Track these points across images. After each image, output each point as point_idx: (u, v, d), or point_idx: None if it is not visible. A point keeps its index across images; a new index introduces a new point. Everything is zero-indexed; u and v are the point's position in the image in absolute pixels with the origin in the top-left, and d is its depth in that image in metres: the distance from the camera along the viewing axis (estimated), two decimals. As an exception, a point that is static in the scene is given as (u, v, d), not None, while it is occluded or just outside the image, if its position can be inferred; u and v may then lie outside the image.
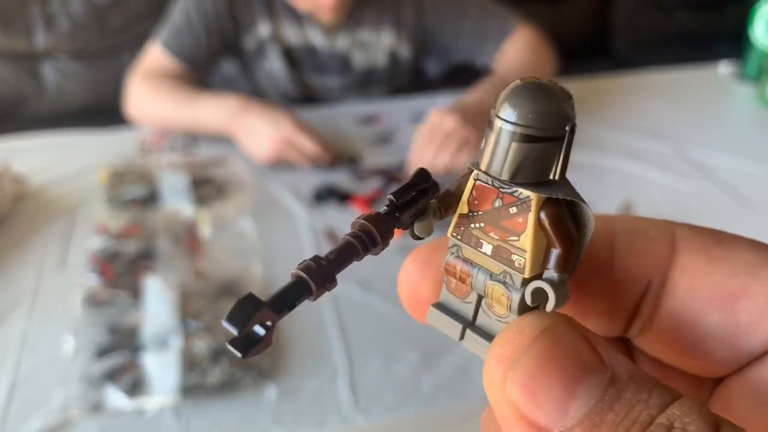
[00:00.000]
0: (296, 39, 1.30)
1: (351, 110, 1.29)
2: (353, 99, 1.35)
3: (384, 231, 0.18)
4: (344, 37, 1.30)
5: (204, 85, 1.33)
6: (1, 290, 0.83)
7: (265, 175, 1.07)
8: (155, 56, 1.24)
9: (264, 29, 1.28)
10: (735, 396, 0.20)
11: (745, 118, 1.32)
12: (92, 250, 0.87)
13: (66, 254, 0.89)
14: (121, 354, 0.71)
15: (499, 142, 0.18)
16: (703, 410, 0.15)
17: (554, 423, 0.16)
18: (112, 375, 0.69)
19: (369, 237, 0.18)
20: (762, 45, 1.39)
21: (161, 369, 0.69)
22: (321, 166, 1.09)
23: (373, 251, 0.18)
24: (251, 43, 1.29)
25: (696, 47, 1.86)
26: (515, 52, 1.27)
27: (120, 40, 1.70)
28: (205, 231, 0.92)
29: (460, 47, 1.32)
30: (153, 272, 0.82)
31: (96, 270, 0.83)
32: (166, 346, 0.72)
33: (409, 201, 0.19)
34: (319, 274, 0.17)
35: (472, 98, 1.14)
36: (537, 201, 0.18)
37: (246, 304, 0.16)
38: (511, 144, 0.18)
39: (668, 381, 0.21)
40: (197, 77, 1.28)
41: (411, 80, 1.40)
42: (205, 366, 0.70)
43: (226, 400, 0.68)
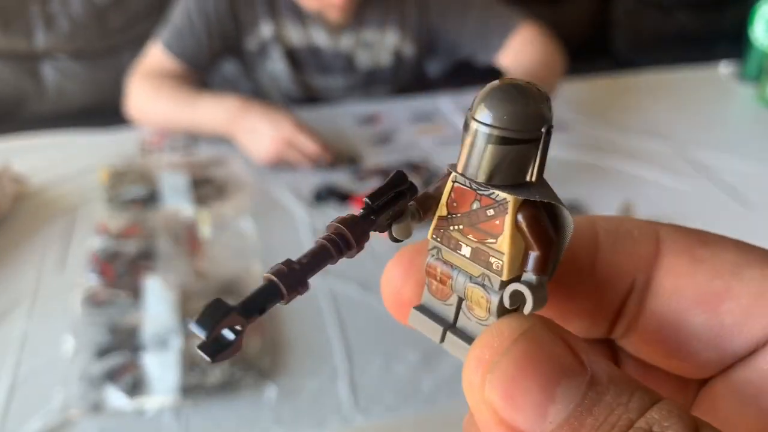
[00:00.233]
0: (299, 39, 1.30)
1: (351, 110, 1.29)
2: (356, 99, 1.34)
3: (358, 234, 0.18)
4: (348, 37, 1.30)
5: (204, 86, 1.33)
6: (1, 290, 0.83)
7: (265, 175, 1.07)
8: (156, 56, 1.24)
9: (266, 30, 1.27)
10: (720, 397, 0.20)
11: (745, 118, 1.32)
12: (92, 250, 0.87)
13: (66, 254, 0.89)
14: (121, 354, 0.71)
15: (475, 144, 0.18)
16: (683, 414, 0.15)
17: (533, 427, 0.16)
18: (112, 375, 0.69)
19: (343, 240, 0.18)
20: (762, 45, 1.39)
21: (161, 369, 0.69)
22: (321, 166, 1.09)
23: (348, 254, 0.18)
24: (253, 44, 1.29)
25: (696, 47, 1.87)
26: (523, 49, 1.25)
27: (120, 40, 1.70)
28: (205, 231, 0.92)
29: (464, 45, 1.32)
30: (153, 272, 0.82)
31: (96, 270, 0.83)
32: (166, 346, 0.72)
33: (386, 203, 0.19)
34: (291, 278, 0.17)
35: None
36: (514, 203, 0.18)
37: (214, 309, 0.16)
38: (487, 146, 0.17)
39: (653, 382, 0.21)
40: (198, 78, 1.28)
41: (414, 80, 1.40)
42: (205, 366, 0.70)
43: (226, 400, 0.68)
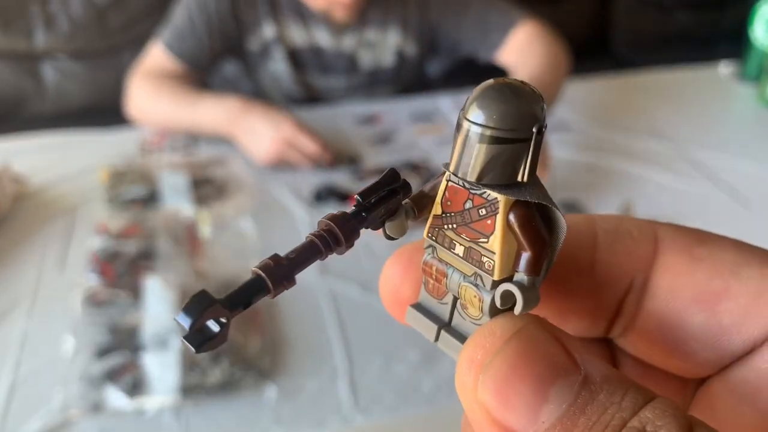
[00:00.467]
0: (302, 40, 1.29)
1: (351, 110, 1.29)
2: (359, 99, 1.34)
3: (348, 231, 0.18)
4: (351, 37, 1.30)
5: (205, 86, 1.33)
6: (1, 290, 0.83)
7: (265, 175, 1.07)
8: (157, 56, 1.24)
9: (268, 30, 1.27)
10: (718, 396, 0.20)
11: (745, 118, 1.32)
12: (92, 250, 0.87)
13: (66, 254, 0.89)
14: (121, 354, 0.71)
15: (467, 144, 0.18)
16: (677, 412, 0.15)
17: (526, 427, 0.16)
18: (112, 375, 0.69)
19: (332, 237, 0.18)
20: (762, 45, 1.39)
21: (161, 369, 0.69)
22: (321, 166, 1.09)
23: (337, 251, 0.18)
24: (255, 45, 1.29)
25: (696, 47, 1.86)
26: (527, 48, 1.24)
27: (120, 40, 1.70)
28: (205, 231, 0.92)
29: (465, 42, 1.32)
30: (153, 272, 0.82)
31: (96, 270, 0.83)
32: (166, 346, 0.72)
33: (378, 201, 0.19)
34: (278, 273, 0.17)
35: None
36: (505, 203, 0.18)
37: (199, 300, 0.16)
38: (479, 146, 0.17)
39: (651, 381, 0.21)
40: (198, 78, 1.28)
41: (417, 79, 1.40)
42: (205, 366, 0.70)
43: (226, 400, 0.68)
